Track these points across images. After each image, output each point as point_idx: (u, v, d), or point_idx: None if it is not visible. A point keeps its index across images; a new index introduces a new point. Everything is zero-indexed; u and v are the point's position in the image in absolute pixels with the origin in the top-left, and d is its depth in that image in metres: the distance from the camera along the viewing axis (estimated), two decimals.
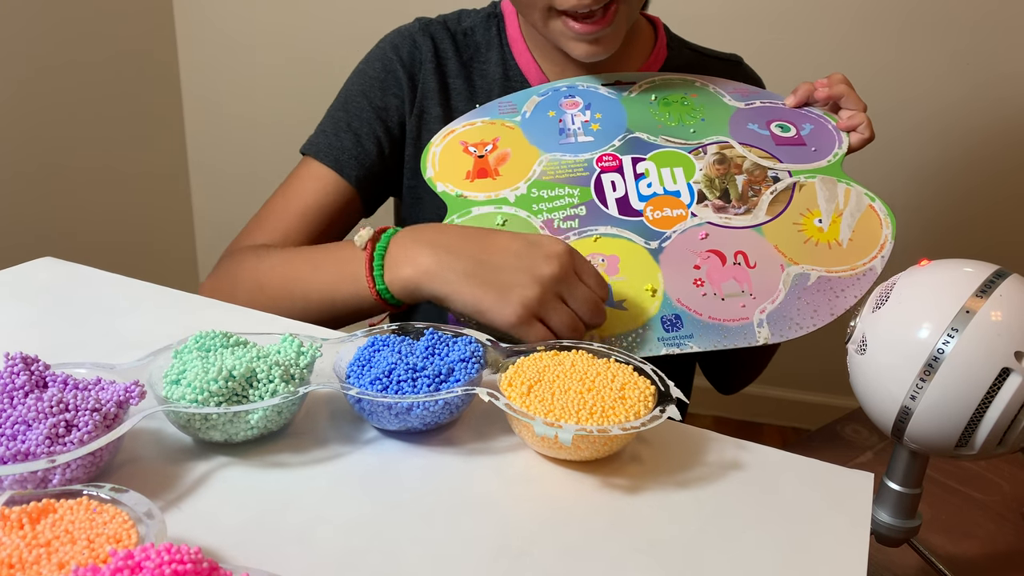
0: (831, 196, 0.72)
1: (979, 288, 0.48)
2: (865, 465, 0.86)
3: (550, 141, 0.74)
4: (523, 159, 0.73)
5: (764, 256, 0.68)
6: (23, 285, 0.70)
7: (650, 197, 0.71)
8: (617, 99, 0.78)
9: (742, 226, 0.70)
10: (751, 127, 0.77)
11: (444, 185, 0.71)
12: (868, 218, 0.71)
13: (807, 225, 0.70)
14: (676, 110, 0.78)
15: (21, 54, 1.57)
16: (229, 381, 0.47)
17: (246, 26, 1.85)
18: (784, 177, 0.73)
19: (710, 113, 0.78)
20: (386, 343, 0.54)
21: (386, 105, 0.83)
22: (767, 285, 0.67)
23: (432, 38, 0.85)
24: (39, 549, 0.36)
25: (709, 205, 0.70)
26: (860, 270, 0.68)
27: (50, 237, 1.68)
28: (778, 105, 0.81)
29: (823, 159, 0.75)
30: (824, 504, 0.48)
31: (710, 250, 0.68)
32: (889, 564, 0.68)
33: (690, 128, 0.76)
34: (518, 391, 0.50)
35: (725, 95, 0.80)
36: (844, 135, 0.77)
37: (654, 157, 0.73)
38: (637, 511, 0.46)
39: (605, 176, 0.72)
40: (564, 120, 0.76)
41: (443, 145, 0.74)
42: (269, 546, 0.42)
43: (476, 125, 0.76)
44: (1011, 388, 0.47)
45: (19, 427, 0.43)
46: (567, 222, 0.69)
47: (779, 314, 0.65)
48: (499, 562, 0.42)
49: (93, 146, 1.75)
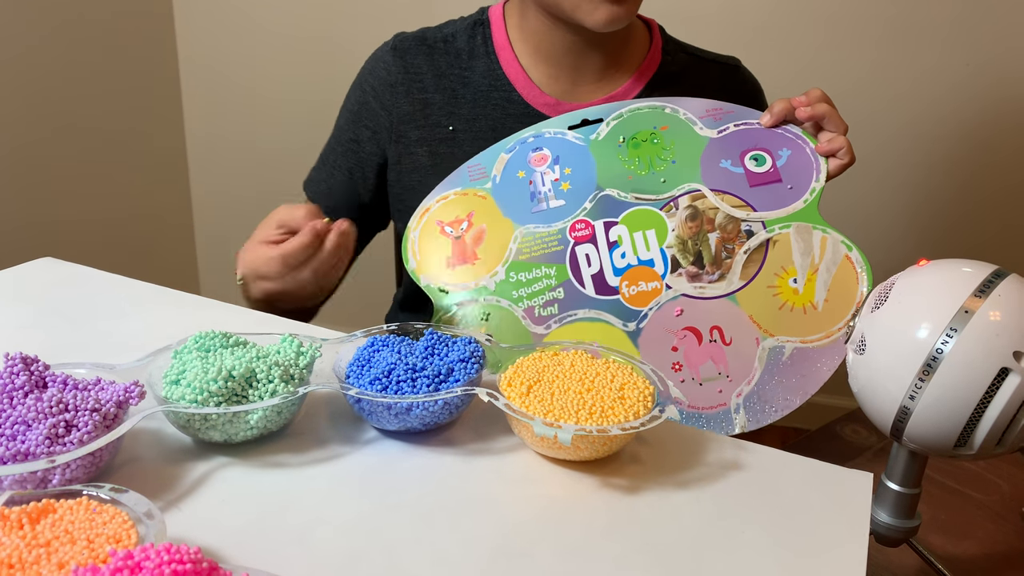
0: (806, 249, 0.71)
1: (978, 288, 0.48)
2: (864, 465, 0.86)
3: (523, 210, 0.75)
4: (499, 235, 0.74)
5: (739, 330, 0.68)
6: (23, 285, 0.70)
7: (624, 270, 0.71)
8: (586, 146, 0.77)
9: (716, 295, 0.70)
10: (724, 165, 0.75)
11: (427, 278, 0.72)
12: (844, 272, 0.70)
13: (782, 287, 0.70)
14: (646, 152, 0.76)
15: (21, 53, 1.57)
16: (229, 381, 0.47)
17: (246, 26, 1.85)
18: (758, 230, 0.72)
19: (681, 150, 0.76)
20: (386, 343, 0.54)
21: (358, 138, 0.87)
22: (743, 364, 0.67)
23: (404, 57, 0.85)
24: (39, 549, 0.36)
25: (683, 274, 0.70)
26: (835, 336, 0.68)
27: (50, 237, 1.68)
28: (753, 127, 0.78)
29: (799, 198, 0.73)
30: (823, 504, 0.48)
31: (686, 327, 0.69)
32: (888, 564, 0.68)
33: (660, 177, 0.75)
34: (517, 391, 0.50)
35: (696, 122, 0.78)
36: (823, 161, 0.75)
37: (626, 219, 0.73)
38: (636, 511, 0.46)
39: (580, 248, 0.72)
40: (534, 181, 0.76)
41: (420, 228, 0.75)
42: (269, 546, 0.42)
43: (449, 199, 0.76)
44: (1010, 388, 0.47)
45: (19, 427, 0.43)
46: (547, 308, 0.70)
47: (755, 396, 0.67)
48: (498, 562, 0.42)
49: (93, 147, 1.75)
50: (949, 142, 1.57)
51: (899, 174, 1.62)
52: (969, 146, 1.57)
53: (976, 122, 1.55)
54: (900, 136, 1.59)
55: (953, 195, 1.60)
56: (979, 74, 1.52)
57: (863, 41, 1.54)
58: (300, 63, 1.84)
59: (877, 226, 1.65)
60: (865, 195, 1.63)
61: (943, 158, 1.59)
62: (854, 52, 1.55)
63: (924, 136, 1.58)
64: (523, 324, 0.70)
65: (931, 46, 1.52)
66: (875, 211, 1.65)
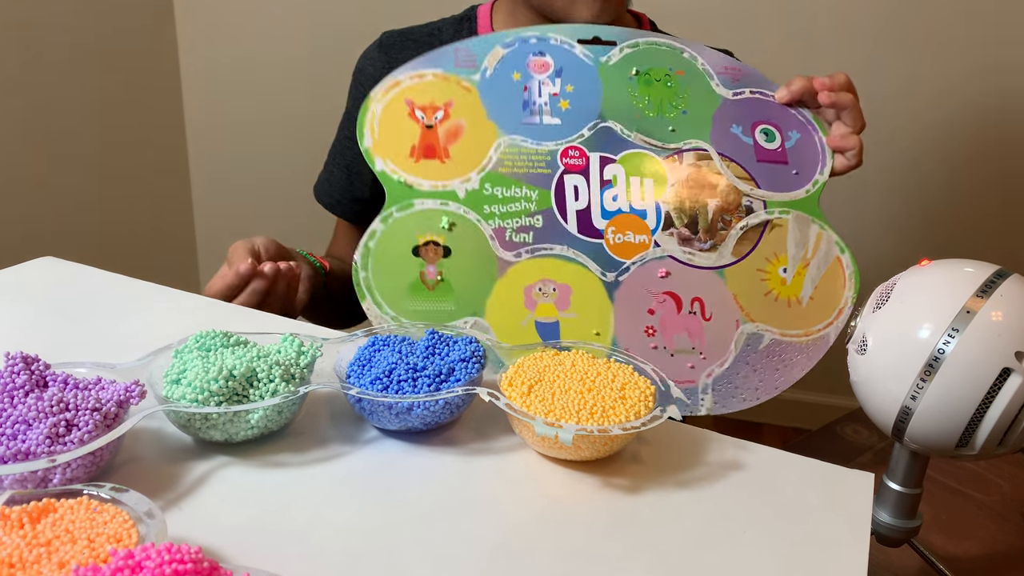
0: (801, 241, 0.68)
1: (980, 288, 0.48)
2: (865, 465, 0.86)
3: (511, 117, 0.67)
4: (479, 138, 0.65)
5: (721, 307, 0.65)
6: (23, 285, 0.70)
7: (614, 214, 0.66)
8: (594, 66, 0.69)
9: (705, 266, 0.66)
10: (734, 131, 0.71)
11: (384, 163, 0.64)
12: (833, 273, 0.68)
13: (771, 274, 0.67)
14: (657, 93, 0.70)
15: (21, 52, 1.57)
16: (229, 381, 0.47)
17: (247, 25, 1.85)
18: (758, 208, 0.68)
19: (694, 103, 0.70)
20: (386, 343, 0.54)
21: (352, 135, 0.88)
22: (719, 344, 0.64)
23: (389, 53, 0.86)
24: (39, 549, 0.36)
25: (675, 234, 0.66)
26: (813, 337, 0.66)
27: (50, 237, 1.68)
28: (768, 99, 0.73)
29: (802, 187, 0.69)
30: (824, 504, 0.48)
31: (667, 292, 0.65)
32: (889, 564, 0.68)
33: (669, 125, 0.69)
34: (518, 391, 0.50)
35: (713, 77, 0.72)
36: (830, 155, 0.71)
37: (624, 160, 0.67)
38: (637, 511, 0.46)
39: (568, 178, 0.66)
40: (530, 88, 0.67)
41: (385, 101, 0.66)
42: (269, 546, 0.42)
43: (426, 79, 0.67)
44: (1012, 388, 0.47)
45: (19, 426, 0.43)
46: (520, 234, 0.64)
47: (726, 380, 0.64)
48: (499, 561, 0.42)
49: (93, 146, 1.75)
50: (951, 141, 1.57)
51: (901, 173, 1.62)
52: (971, 145, 1.56)
53: (979, 121, 1.55)
54: (902, 134, 1.59)
55: (955, 194, 1.60)
56: (982, 73, 1.52)
57: (863, 36, 1.54)
58: (301, 63, 1.84)
59: (879, 225, 1.65)
60: (867, 194, 1.63)
61: (945, 157, 1.58)
62: (853, 47, 1.55)
63: (926, 135, 1.58)
64: (490, 245, 0.64)
65: (933, 43, 1.52)
66: (877, 210, 1.65)
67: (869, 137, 1.69)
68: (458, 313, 0.63)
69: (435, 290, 0.63)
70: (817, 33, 1.55)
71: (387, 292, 0.63)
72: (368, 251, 0.64)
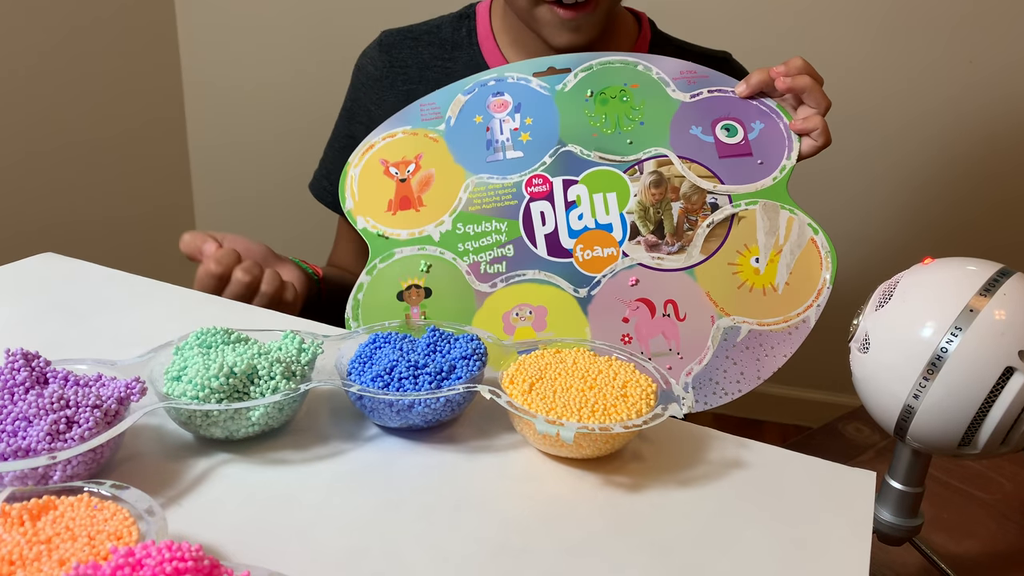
0: (772, 228, 0.68)
1: (983, 287, 0.48)
2: (867, 463, 0.86)
3: (477, 157, 0.70)
4: (448, 182, 0.69)
5: (695, 306, 0.66)
6: (24, 281, 0.70)
7: (580, 232, 0.67)
8: (550, 96, 0.72)
9: (674, 268, 0.67)
10: (694, 132, 0.71)
11: (365, 220, 0.67)
12: (808, 256, 0.67)
13: (743, 266, 0.67)
14: (614, 110, 0.72)
15: (22, 49, 1.56)
16: (230, 378, 0.47)
17: (249, 22, 1.85)
18: (724, 204, 0.69)
19: (651, 112, 0.72)
20: (388, 340, 0.53)
21: (354, 134, 0.88)
22: (695, 342, 0.65)
23: (389, 52, 0.86)
24: (40, 546, 0.36)
25: (642, 242, 0.67)
26: (793, 322, 0.65)
27: (51, 233, 1.68)
28: (727, 95, 0.73)
29: (768, 175, 0.70)
30: (826, 503, 0.48)
31: (640, 299, 0.66)
32: (891, 563, 0.68)
33: (627, 138, 0.71)
34: (520, 389, 0.49)
35: (669, 83, 0.73)
36: (796, 139, 0.71)
37: (587, 179, 0.69)
38: (638, 509, 0.46)
39: (535, 205, 0.68)
40: (492, 128, 0.71)
41: (362, 165, 0.69)
42: (270, 543, 0.42)
43: (397, 137, 0.70)
44: (1015, 387, 0.46)
45: (20, 423, 0.43)
46: (494, 265, 0.67)
47: (705, 377, 0.64)
48: (500, 559, 0.42)
49: (94, 142, 1.75)
50: (953, 140, 1.57)
51: (903, 172, 1.61)
52: (973, 144, 1.56)
53: (981, 120, 1.54)
54: (904, 133, 1.58)
55: (957, 193, 1.60)
56: (984, 71, 1.51)
57: (863, 36, 1.54)
58: (302, 64, 1.84)
59: (881, 224, 1.65)
60: (869, 193, 1.63)
61: (947, 156, 1.58)
62: (854, 47, 1.55)
63: (928, 134, 1.58)
64: (466, 280, 0.66)
65: (935, 41, 1.52)
66: (879, 209, 1.64)
67: (872, 137, 1.69)
68: None
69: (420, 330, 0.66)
70: (817, 33, 1.55)
71: None
72: (358, 303, 0.67)
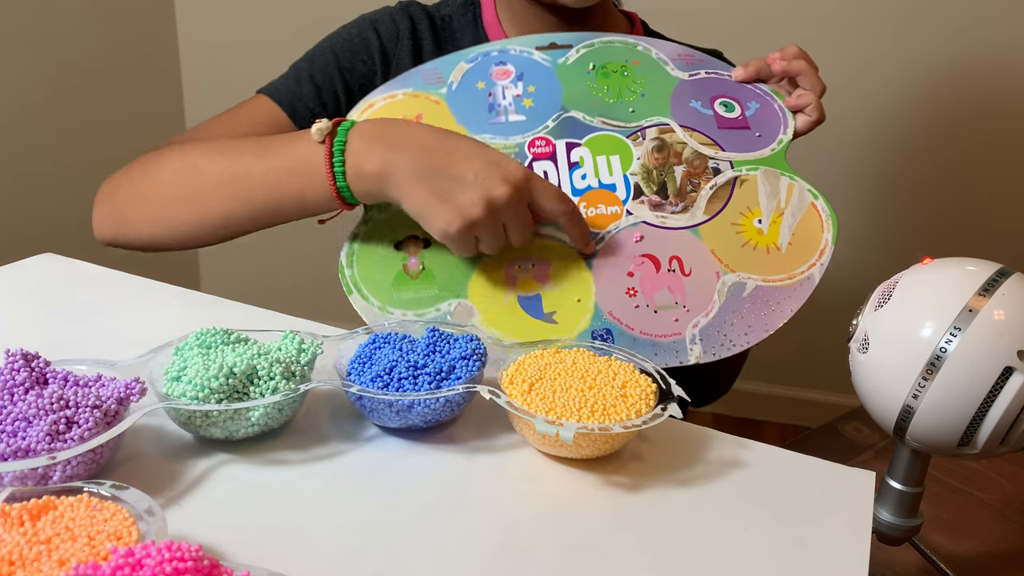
0: (772, 192, 0.69)
1: (982, 287, 0.48)
2: (866, 463, 0.86)
3: (479, 119, 0.70)
4: None
5: (700, 262, 0.66)
6: (23, 281, 0.70)
7: (584, 191, 0.68)
8: (552, 68, 0.73)
9: (678, 227, 0.67)
10: (693, 105, 0.73)
11: None
12: (809, 219, 0.68)
13: (746, 226, 0.67)
14: (615, 82, 0.73)
15: (22, 50, 1.56)
16: (230, 378, 0.47)
17: (247, 23, 1.85)
18: (725, 168, 0.69)
19: (652, 86, 0.74)
20: (387, 340, 0.53)
21: (352, 67, 0.83)
22: (702, 296, 0.64)
23: (411, 19, 0.85)
24: (40, 546, 0.36)
25: (645, 202, 0.67)
26: (798, 279, 0.65)
27: (50, 233, 1.68)
28: (724, 77, 0.76)
29: (767, 146, 0.71)
30: (825, 503, 0.48)
31: (644, 255, 0.66)
32: (890, 563, 0.68)
33: (629, 107, 0.72)
34: (519, 389, 0.50)
35: (668, 62, 0.75)
36: (791, 117, 0.73)
37: (589, 142, 0.70)
38: (638, 509, 0.46)
39: (537, 164, 0.68)
40: (494, 93, 0.71)
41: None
42: (270, 544, 0.42)
43: (397, 98, 0.70)
44: (1014, 387, 0.46)
45: (19, 424, 0.43)
46: None
47: (712, 329, 0.63)
48: (500, 560, 0.42)
49: (94, 142, 1.74)
50: (953, 139, 1.57)
51: (902, 171, 1.61)
52: (972, 143, 1.56)
53: (979, 119, 1.55)
54: (903, 133, 1.58)
55: (957, 193, 1.60)
56: (980, 71, 1.51)
57: (863, 36, 1.54)
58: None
59: (880, 224, 1.65)
60: (868, 192, 1.63)
61: (946, 155, 1.58)
62: (853, 47, 1.55)
63: (927, 133, 1.58)
64: None
65: (935, 39, 1.52)
66: (878, 208, 1.64)
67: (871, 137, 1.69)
68: (442, 296, 0.64)
69: (418, 278, 0.65)
70: (815, 33, 1.55)
71: (373, 286, 0.64)
72: (352, 251, 0.66)
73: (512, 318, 0.63)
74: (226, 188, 0.66)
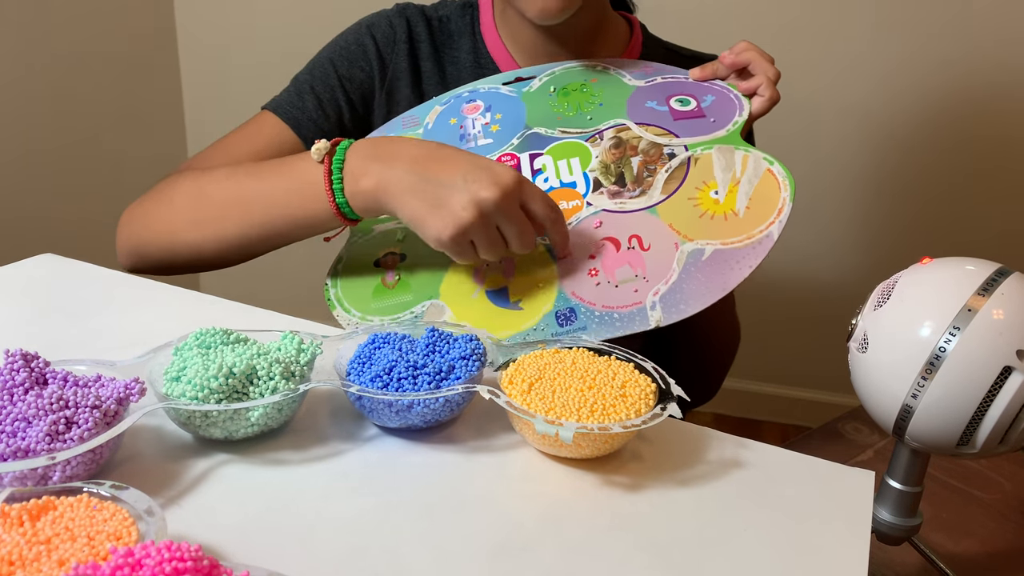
0: (728, 165, 0.70)
1: (981, 286, 0.48)
2: (866, 463, 0.86)
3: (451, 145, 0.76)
4: None
5: (658, 237, 0.67)
6: (23, 281, 0.70)
7: (546, 192, 0.70)
8: (517, 96, 0.78)
9: (636, 209, 0.69)
10: (649, 104, 0.76)
11: None
12: (766, 183, 0.69)
13: (703, 199, 0.69)
14: (575, 99, 0.77)
15: (22, 50, 1.56)
16: (229, 378, 0.47)
17: (247, 22, 1.85)
18: (680, 152, 0.72)
19: (609, 96, 0.77)
20: (387, 340, 0.54)
21: (351, 76, 0.84)
22: (661, 266, 0.66)
23: (408, 21, 0.86)
24: (39, 546, 0.36)
25: (604, 192, 0.70)
26: (757, 237, 0.66)
27: (50, 233, 1.68)
28: (680, 79, 0.79)
29: (722, 128, 0.73)
30: (825, 502, 0.48)
31: (605, 238, 0.68)
32: (890, 562, 0.68)
33: (587, 115, 0.75)
34: (519, 389, 0.50)
35: (625, 75, 0.79)
36: (746, 101, 0.75)
37: (551, 151, 0.73)
38: (637, 509, 0.46)
39: None
40: (465, 126, 0.76)
41: None
42: (269, 543, 0.42)
43: None
44: (1013, 387, 0.47)
45: (19, 424, 0.43)
46: None
47: (672, 294, 0.64)
48: (500, 559, 0.42)
49: (93, 142, 1.74)
50: (952, 139, 1.57)
51: (902, 171, 1.61)
52: (972, 143, 1.56)
53: (981, 118, 1.55)
54: (903, 133, 1.58)
55: (956, 193, 1.60)
56: (980, 70, 1.51)
57: (862, 36, 1.54)
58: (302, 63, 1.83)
59: (879, 224, 1.65)
60: (868, 193, 1.63)
61: (946, 156, 1.58)
62: (853, 47, 1.55)
63: (926, 133, 1.58)
64: None
65: (935, 38, 1.52)
66: (877, 209, 1.64)
67: (871, 136, 1.69)
68: (415, 301, 0.67)
69: (394, 288, 0.69)
70: (816, 32, 1.55)
71: (354, 300, 0.69)
72: (337, 272, 0.71)
73: (481, 310, 0.66)
74: (235, 211, 0.69)
